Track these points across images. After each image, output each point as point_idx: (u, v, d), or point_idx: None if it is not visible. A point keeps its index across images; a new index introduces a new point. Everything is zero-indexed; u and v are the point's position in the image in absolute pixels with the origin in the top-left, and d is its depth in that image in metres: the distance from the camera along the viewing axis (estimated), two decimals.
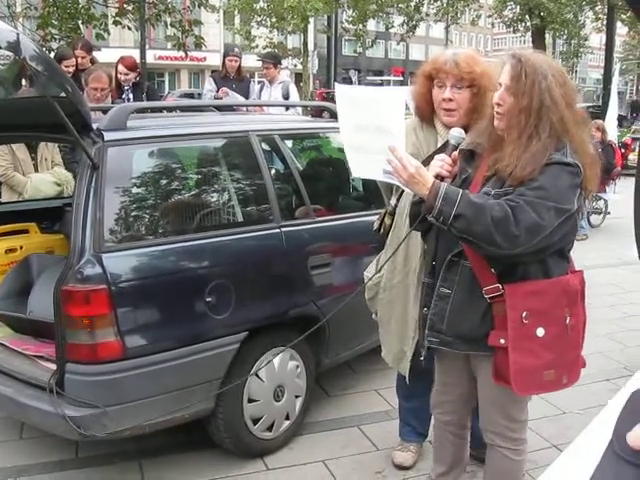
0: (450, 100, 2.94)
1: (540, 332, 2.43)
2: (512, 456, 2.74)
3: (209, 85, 7.86)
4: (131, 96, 6.57)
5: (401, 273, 3.18)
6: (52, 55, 6.69)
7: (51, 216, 4.69)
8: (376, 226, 3.39)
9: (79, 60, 6.54)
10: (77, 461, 3.66)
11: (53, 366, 3.13)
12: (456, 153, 2.57)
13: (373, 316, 3.45)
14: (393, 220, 3.24)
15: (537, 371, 2.45)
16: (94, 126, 3.19)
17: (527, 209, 2.27)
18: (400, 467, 3.61)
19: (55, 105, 2.81)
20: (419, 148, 3.08)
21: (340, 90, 2.61)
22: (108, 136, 3.20)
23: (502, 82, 2.45)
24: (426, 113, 3.13)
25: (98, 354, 3.00)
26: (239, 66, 7.70)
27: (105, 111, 3.64)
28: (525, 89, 2.38)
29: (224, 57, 7.87)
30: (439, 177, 2.48)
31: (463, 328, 2.53)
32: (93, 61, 6.88)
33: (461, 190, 2.34)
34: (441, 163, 2.52)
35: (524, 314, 2.40)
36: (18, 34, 2.75)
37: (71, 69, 6.25)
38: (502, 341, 2.42)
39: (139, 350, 3.09)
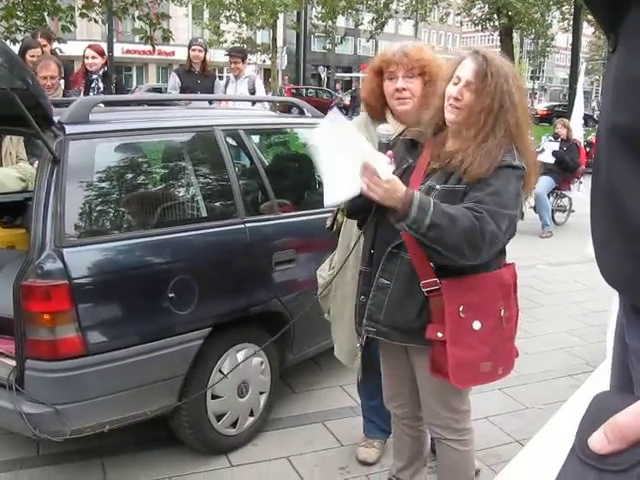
0: (404, 89, 2.93)
1: (476, 325, 2.45)
2: (459, 447, 2.79)
3: (173, 80, 7.72)
4: (101, 85, 6.51)
5: (352, 269, 3.10)
6: (17, 47, 6.61)
7: (12, 211, 4.62)
8: (329, 224, 3.38)
9: (42, 49, 6.44)
10: (38, 459, 3.61)
11: (12, 362, 3.08)
12: (390, 152, 2.54)
13: (325, 316, 3.43)
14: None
15: (474, 364, 2.49)
16: (55, 119, 3.14)
17: (489, 220, 2.30)
18: (364, 463, 3.62)
19: (15, 97, 2.76)
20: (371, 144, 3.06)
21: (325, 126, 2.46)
22: (70, 129, 3.14)
23: (462, 77, 2.44)
24: (376, 109, 3.12)
25: (59, 350, 2.95)
26: (204, 61, 7.59)
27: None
28: (489, 89, 2.40)
29: (188, 49, 7.77)
30: None
31: (399, 319, 2.55)
32: (54, 52, 6.80)
33: (431, 199, 2.33)
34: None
35: (461, 308, 2.43)
36: None
37: (36, 59, 6.15)
38: (440, 335, 2.44)
39: (101, 346, 3.05)
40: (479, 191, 2.36)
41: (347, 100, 37.17)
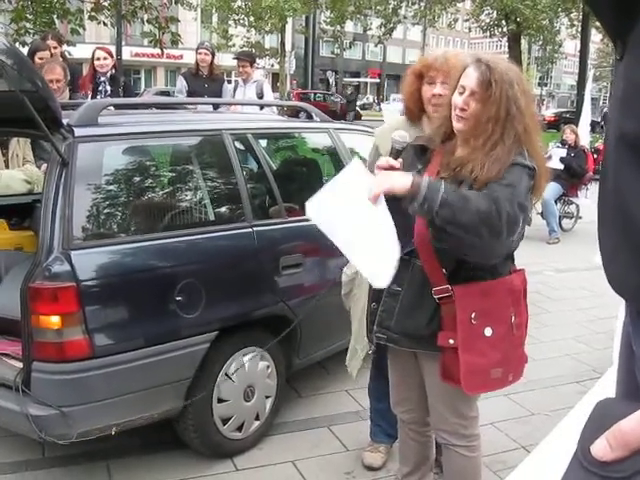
0: (440, 96, 2.92)
1: (488, 332, 2.45)
2: (467, 453, 2.78)
3: (180, 84, 7.69)
4: (108, 88, 6.52)
5: None
6: (26, 49, 6.63)
7: (21, 213, 4.63)
8: None
9: (51, 51, 6.46)
10: (44, 461, 3.61)
11: (19, 364, 3.09)
12: (401, 159, 2.52)
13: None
14: None
15: (485, 370, 2.49)
16: (64, 121, 3.15)
17: (505, 203, 2.26)
18: (369, 468, 3.61)
19: (25, 100, 2.77)
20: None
21: (313, 208, 2.45)
22: (79, 132, 3.16)
23: (466, 86, 2.42)
24: (414, 112, 3.12)
25: (66, 353, 2.96)
26: (211, 64, 7.56)
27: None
28: (494, 98, 2.37)
29: (195, 52, 7.75)
30: None
31: (409, 326, 2.56)
32: (64, 56, 6.81)
33: (443, 181, 2.32)
34: (387, 165, 2.51)
35: (473, 315, 2.42)
36: None
37: (45, 61, 6.16)
38: (451, 341, 2.44)
39: (108, 349, 3.05)
40: (494, 183, 2.34)
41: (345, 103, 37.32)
